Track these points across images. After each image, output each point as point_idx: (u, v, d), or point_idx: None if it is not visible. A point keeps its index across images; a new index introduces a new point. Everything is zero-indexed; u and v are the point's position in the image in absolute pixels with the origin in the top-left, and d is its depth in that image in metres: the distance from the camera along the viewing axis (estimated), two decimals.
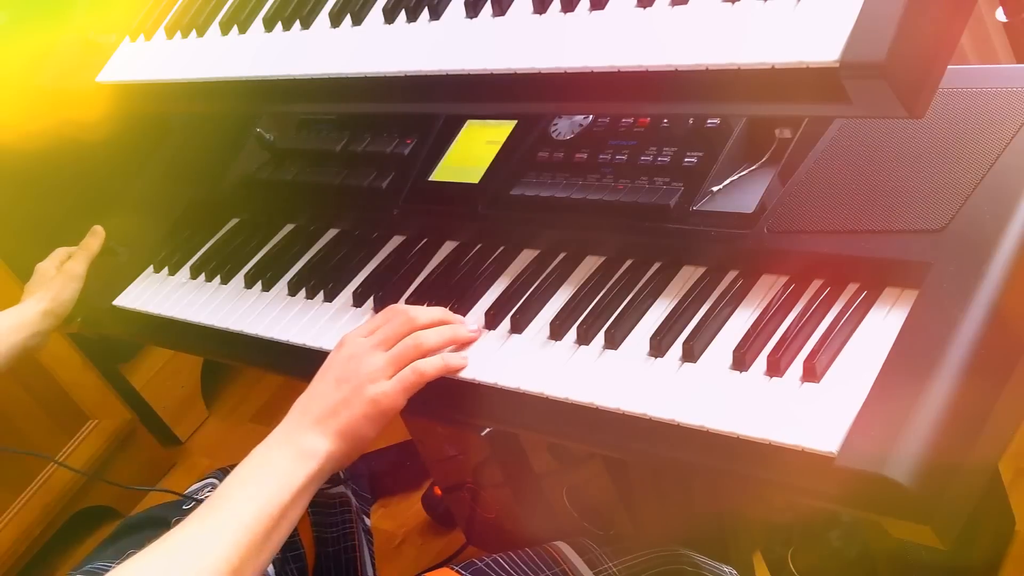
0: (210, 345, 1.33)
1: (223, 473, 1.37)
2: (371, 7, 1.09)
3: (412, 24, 1.04)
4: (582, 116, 1.19)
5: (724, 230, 1.00)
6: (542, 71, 0.91)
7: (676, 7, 0.84)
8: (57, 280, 1.47)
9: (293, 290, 1.27)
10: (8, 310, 1.43)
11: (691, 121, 1.09)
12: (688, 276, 1.02)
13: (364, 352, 1.00)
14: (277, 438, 0.98)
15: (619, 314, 0.99)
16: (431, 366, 1.01)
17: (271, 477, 0.93)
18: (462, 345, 1.05)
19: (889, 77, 0.71)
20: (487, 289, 1.12)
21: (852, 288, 0.91)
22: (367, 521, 1.50)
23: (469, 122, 1.30)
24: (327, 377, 1.00)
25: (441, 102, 1.11)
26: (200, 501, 1.29)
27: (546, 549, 1.07)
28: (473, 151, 1.26)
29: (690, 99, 0.85)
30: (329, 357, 1.03)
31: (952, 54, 0.75)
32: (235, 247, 1.42)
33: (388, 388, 0.98)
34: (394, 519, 1.94)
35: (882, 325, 0.86)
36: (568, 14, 0.92)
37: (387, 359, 1.00)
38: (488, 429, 1.13)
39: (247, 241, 1.42)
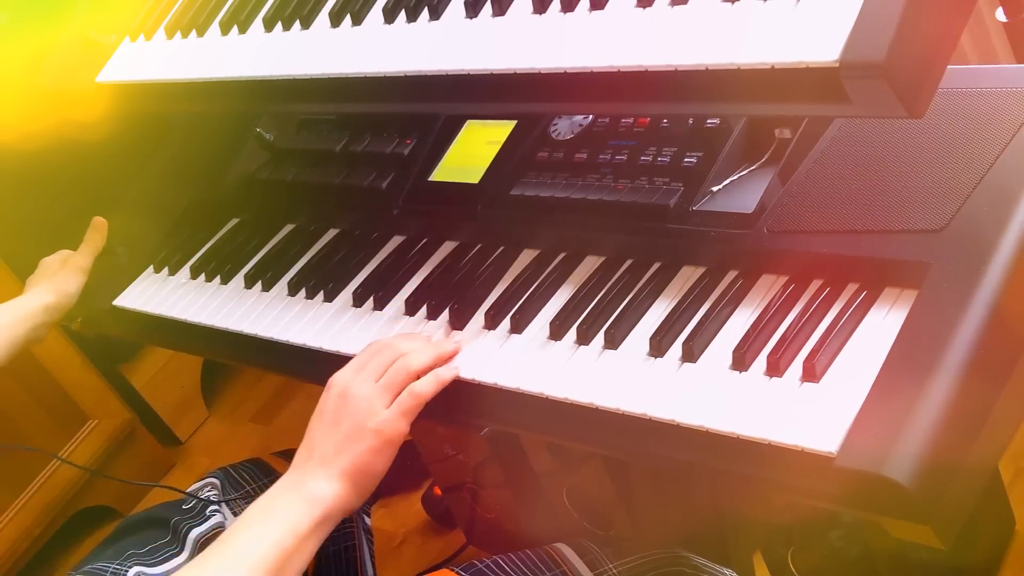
0: (210, 345, 1.33)
1: (223, 473, 1.37)
2: (371, 7, 1.09)
3: (412, 24, 1.04)
4: (582, 116, 1.19)
5: (724, 230, 1.00)
6: (542, 71, 0.91)
7: (676, 7, 0.84)
8: (61, 273, 1.46)
9: (293, 290, 1.27)
10: (10, 303, 1.42)
11: (691, 121, 1.09)
12: (688, 276, 1.02)
13: (356, 387, 0.99)
14: (284, 483, 0.97)
15: (619, 314, 0.99)
16: (426, 386, 1.00)
17: (276, 523, 0.92)
18: (448, 360, 1.04)
19: (889, 77, 0.71)
20: (487, 289, 1.12)
21: (852, 288, 0.91)
22: (367, 520, 1.50)
23: (469, 122, 1.30)
24: (324, 418, 0.99)
25: (441, 102, 1.11)
26: (201, 500, 1.29)
27: (546, 550, 1.07)
28: (473, 151, 1.26)
29: (690, 99, 0.85)
30: (321, 400, 1.01)
31: (952, 54, 0.75)
32: (235, 247, 1.42)
33: (388, 416, 0.97)
34: (394, 519, 1.94)
35: (882, 325, 0.86)
36: (568, 14, 0.92)
37: (380, 388, 0.99)
38: (488, 429, 1.13)
39: (247, 241, 1.42)
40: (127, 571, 1.17)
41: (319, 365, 1.04)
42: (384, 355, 1.02)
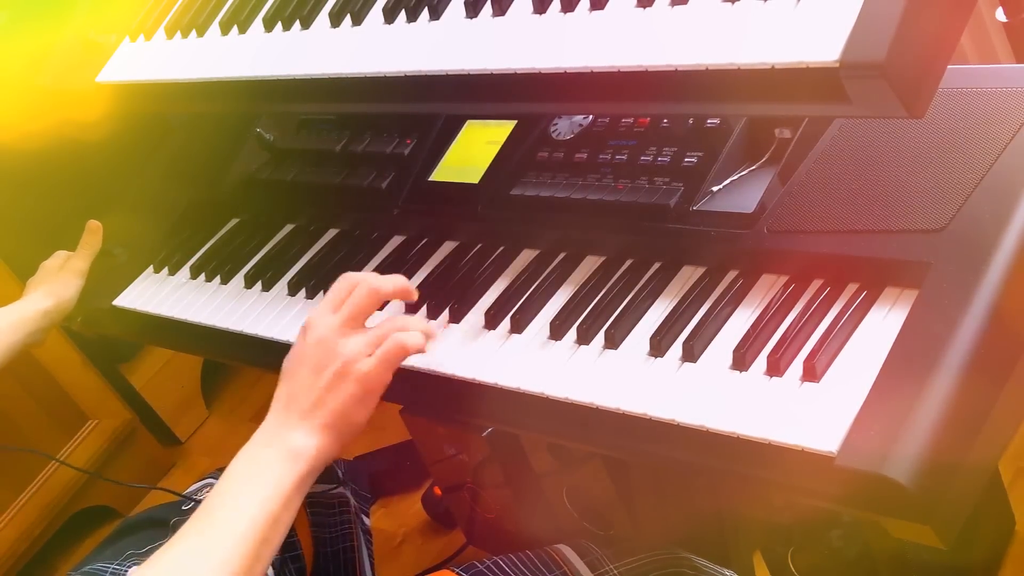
0: (210, 345, 1.33)
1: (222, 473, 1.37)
2: (371, 7, 1.09)
3: (412, 24, 1.04)
4: (582, 116, 1.19)
5: (724, 230, 1.00)
6: (542, 71, 0.91)
7: (676, 7, 0.84)
8: (60, 277, 1.46)
9: (293, 290, 1.27)
10: (9, 307, 1.42)
11: (691, 121, 1.09)
12: (688, 276, 1.02)
13: (336, 333, 0.96)
14: (263, 438, 0.95)
15: (619, 314, 0.99)
16: (412, 337, 0.96)
17: (261, 483, 0.91)
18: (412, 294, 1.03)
19: (889, 77, 0.71)
20: (487, 289, 1.12)
21: (852, 288, 0.91)
22: (366, 521, 1.50)
23: (469, 122, 1.30)
24: (304, 366, 0.96)
25: (441, 102, 1.11)
26: (200, 500, 1.29)
27: (547, 551, 1.07)
28: (473, 151, 1.26)
29: (690, 99, 0.85)
30: (297, 344, 0.98)
31: (952, 54, 0.75)
32: (235, 247, 1.42)
33: (371, 365, 0.94)
34: (394, 519, 1.94)
35: (882, 325, 0.86)
36: (568, 14, 0.92)
37: (364, 337, 0.95)
38: (488, 429, 1.13)
39: (247, 241, 1.42)
40: (126, 571, 1.17)
41: None
42: (365, 295, 0.97)
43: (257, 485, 0.91)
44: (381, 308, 1.17)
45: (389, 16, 1.06)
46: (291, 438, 0.93)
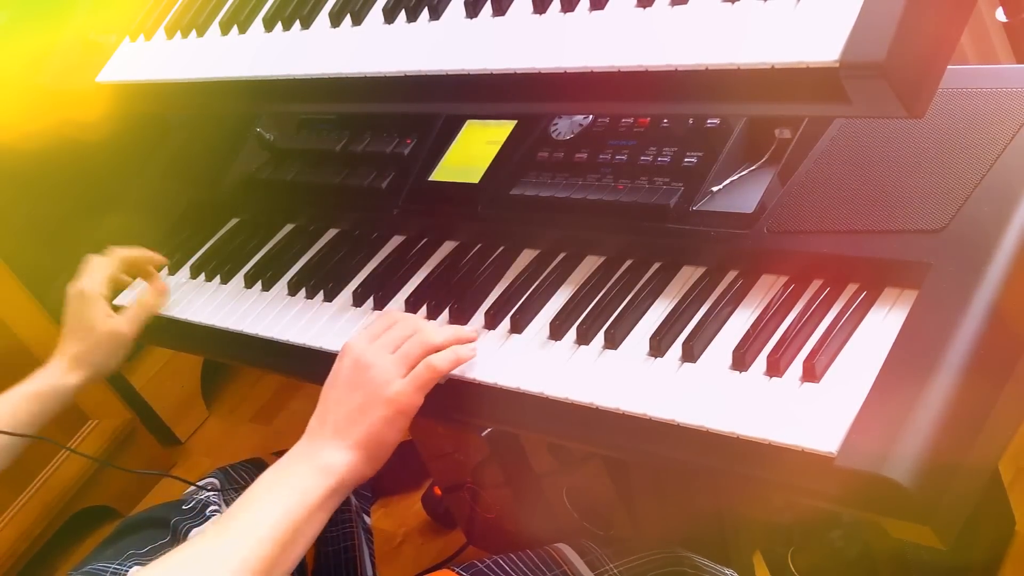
0: (210, 345, 1.33)
1: (223, 473, 1.37)
2: (371, 7, 1.09)
3: (412, 24, 1.04)
4: (582, 116, 1.19)
5: (724, 230, 1.00)
6: (542, 71, 0.91)
7: (676, 7, 0.84)
8: (101, 339, 1.27)
9: (293, 290, 1.27)
10: (39, 375, 1.26)
11: (691, 121, 1.09)
12: (688, 276, 1.02)
13: (372, 356, 0.98)
14: (295, 454, 0.96)
15: (619, 314, 0.99)
16: (443, 359, 0.99)
17: (287, 492, 0.92)
18: (467, 342, 1.04)
19: (889, 77, 0.71)
20: (487, 289, 1.12)
21: (852, 288, 0.91)
22: (367, 520, 1.50)
23: (469, 122, 1.30)
24: (338, 386, 0.98)
25: (441, 102, 1.11)
26: (200, 500, 1.29)
27: (547, 550, 1.07)
28: (473, 151, 1.26)
29: (690, 99, 0.85)
30: (335, 367, 1.01)
31: (952, 54, 0.75)
32: (235, 247, 1.42)
33: (403, 387, 0.96)
34: (394, 519, 1.94)
35: (882, 325, 0.86)
36: (568, 14, 0.92)
37: (397, 359, 0.98)
38: (488, 429, 1.13)
39: (247, 241, 1.42)
40: (127, 571, 1.17)
41: (319, 365, 1.04)
42: (401, 327, 1.01)
43: (283, 494, 0.92)
44: (383, 306, 1.17)
45: (389, 16, 1.06)
46: (322, 454, 0.95)
